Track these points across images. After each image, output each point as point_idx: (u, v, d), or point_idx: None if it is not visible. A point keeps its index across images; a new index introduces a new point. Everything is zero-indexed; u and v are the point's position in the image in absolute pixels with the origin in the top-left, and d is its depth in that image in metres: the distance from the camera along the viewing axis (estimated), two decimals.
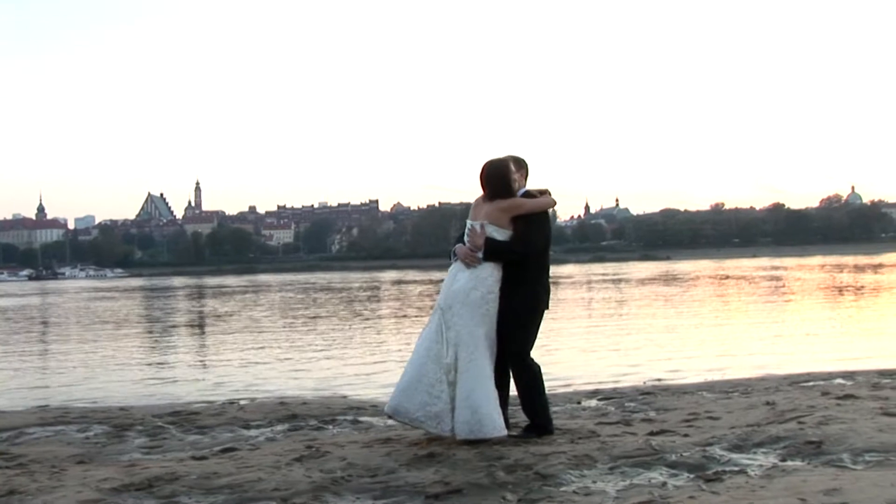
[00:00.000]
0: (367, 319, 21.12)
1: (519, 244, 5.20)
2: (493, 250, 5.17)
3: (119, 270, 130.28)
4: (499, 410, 5.08)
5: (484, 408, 5.00)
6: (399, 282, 52.27)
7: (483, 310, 5.13)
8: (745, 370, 9.84)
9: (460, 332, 5.10)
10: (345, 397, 8.64)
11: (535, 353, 5.41)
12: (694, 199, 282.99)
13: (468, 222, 5.34)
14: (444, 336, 5.13)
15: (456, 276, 5.25)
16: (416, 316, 21.36)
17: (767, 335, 14.45)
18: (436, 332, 5.18)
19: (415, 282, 50.39)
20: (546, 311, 5.44)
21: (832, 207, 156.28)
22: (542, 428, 5.30)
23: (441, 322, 5.18)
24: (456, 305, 5.15)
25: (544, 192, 5.46)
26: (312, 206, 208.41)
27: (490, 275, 5.19)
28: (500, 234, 5.19)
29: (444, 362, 5.09)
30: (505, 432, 5.07)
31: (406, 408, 5.12)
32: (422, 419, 5.10)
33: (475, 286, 5.16)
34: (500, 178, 5.23)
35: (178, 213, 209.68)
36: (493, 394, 5.07)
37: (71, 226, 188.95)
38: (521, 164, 5.46)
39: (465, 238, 5.30)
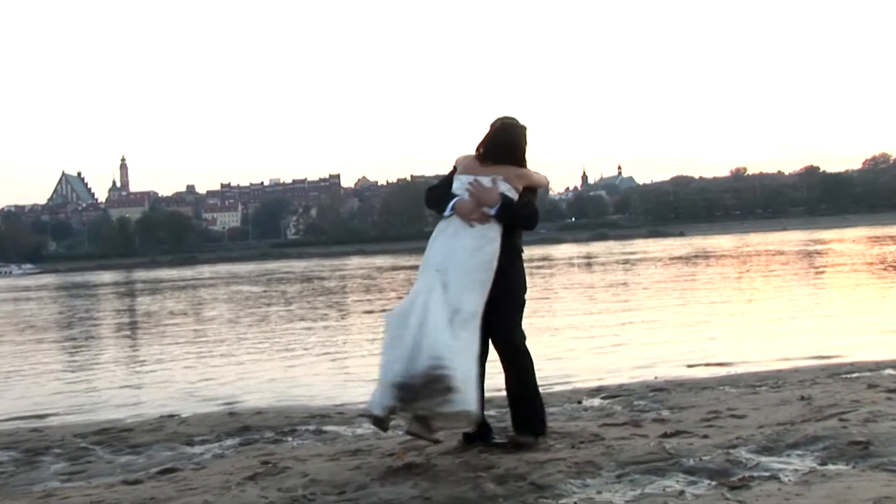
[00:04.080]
0: (330, 314, 21.08)
1: (532, 209, 5.32)
2: (508, 209, 5.15)
3: (28, 266, 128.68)
4: (481, 396, 4.98)
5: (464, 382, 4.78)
6: (367, 268, 52.20)
7: (486, 276, 5.04)
8: (774, 360, 9.92)
9: (461, 296, 4.96)
10: (305, 404, 8.63)
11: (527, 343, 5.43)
12: (710, 164, 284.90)
13: (463, 177, 5.26)
14: (444, 298, 4.93)
15: (457, 234, 5.13)
16: (387, 306, 21.35)
17: (802, 319, 14.56)
18: (436, 299, 4.93)
19: (386, 269, 50.35)
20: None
21: (878, 169, 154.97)
22: (537, 425, 5.32)
23: (440, 285, 4.97)
24: (458, 265, 5.02)
25: None
26: (262, 183, 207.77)
27: (498, 237, 5.13)
28: (509, 192, 5.21)
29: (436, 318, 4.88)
30: (478, 412, 4.90)
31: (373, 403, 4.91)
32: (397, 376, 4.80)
33: (481, 245, 5.08)
34: (515, 146, 5.30)
35: (101, 195, 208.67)
36: (479, 375, 4.95)
37: None
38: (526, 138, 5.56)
39: (460, 192, 5.23)
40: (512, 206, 5.17)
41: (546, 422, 5.51)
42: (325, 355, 13.18)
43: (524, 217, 5.28)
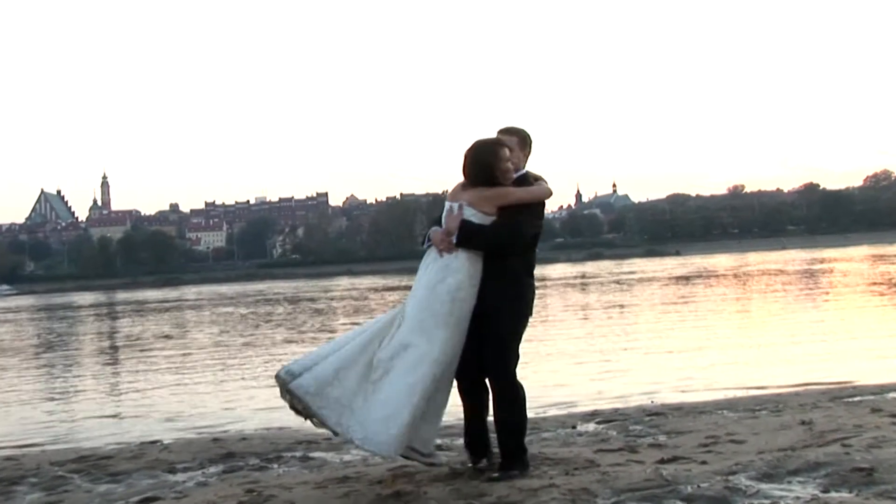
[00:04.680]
0: (320, 338, 21.03)
1: (504, 230, 5.18)
2: (468, 234, 5.14)
3: (5, 287, 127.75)
4: (417, 438, 5.08)
5: (399, 424, 4.91)
6: (357, 289, 52.14)
7: (447, 308, 5.08)
8: (774, 384, 9.92)
9: (413, 328, 5.05)
10: (292, 429, 8.59)
11: (520, 368, 5.42)
12: (707, 181, 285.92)
13: (446, 203, 5.33)
14: (392, 330, 5.10)
15: (427, 266, 5.24)
16: None
17: (802, 341, 14.59)
18: (385, 325, 5.17)
19: (376, 290, 50.30)
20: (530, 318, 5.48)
21: (879, 187, 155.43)
22: (523, 460, 5.29)
23: (398, 314, 5.18)
24: (416, 298, 5.15)
25: (538, 180, 5.46)
26: (248, 201, 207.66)
27: (463, 267, 5.14)
28: (480, 220, 5.17)
29: (377, 356, 5.04)
30: (396, 454, 5.04)
31: (303, 376, 5.07)
32: (313, 397, 5.02)
33: (443, 277, 5.12)
34: (483, 167, 5.20)
35: (81, 214, 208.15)
36: (417, 414, 4.99)
37: None
38: (525, 141, 5.48)
39: (443, 221, 5.29)
40: (471, 231, 5.13)
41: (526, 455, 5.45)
42: None
43: (491, 237, 5.17)
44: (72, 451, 7.96)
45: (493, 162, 5.17)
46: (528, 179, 5.38)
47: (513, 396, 5.25)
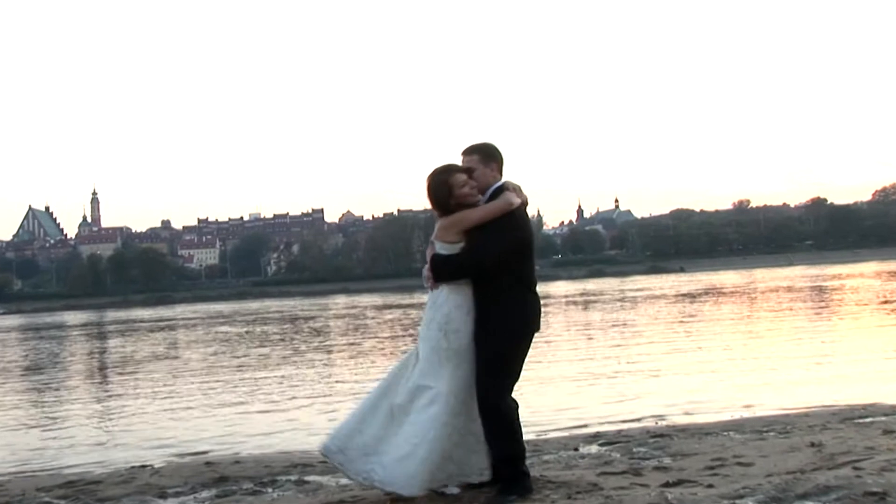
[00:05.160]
0: (317, 358, 21.01)
1: (466, 254, 5.28)
2: (437, 268, 5.31)
3: None
4: (440, 471, 5.20)
5: (416, 462, 5.11)
6: (358, 307, 52.11)
7: (444, 343, 5.25)
8: (782, 404, 9.90)
9: (423, 370, 5.25)
10: (288, 452, 8.57)
11: (520, 388, 5.41)
12: (711, 196, 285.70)
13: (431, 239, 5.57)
14: (408, 372, 5.33)
15: (427, 305, 5.49)
16: (374, 350, 21.26)
17: (811, 360, 14.57)
18: (402, 367, 5.42)
19: (374, 308, 50.27)
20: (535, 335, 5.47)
21: (888, 201, 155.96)
22: (522, 484, 5.27)
23: (413, 355, 5.41)
24: (421, 338, 5.38)
25: (515, 189, 5.47)
26: (241, 218, 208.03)
27: (447, 299, 5.32)
28: (447, 251, 5.33)
29: (395, 402, 5.26)
30: (417, 492, 5.16)
31: (329, 437, 5.38)
32: (335, 454, 5.33)
33: (433, 316, 5.33)
34: (438, 198, 5.39)
35: (70, 231, 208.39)
36: (441, 452, 5.15)
37: None
38: (489, 155, 5.51)
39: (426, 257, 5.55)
40: (438, 264, 5.30)
41: (528, 477, 5.44)
42: (310, 401, 13.12)
43: (456, 266, 5.28)
44: (59, 476, 7.93)
45: (445, 192, 5.34)
46: (503, 191, 5.39)
47: (496, 421, 5.25)
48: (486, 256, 5.27)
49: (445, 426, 5.13)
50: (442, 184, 5.36)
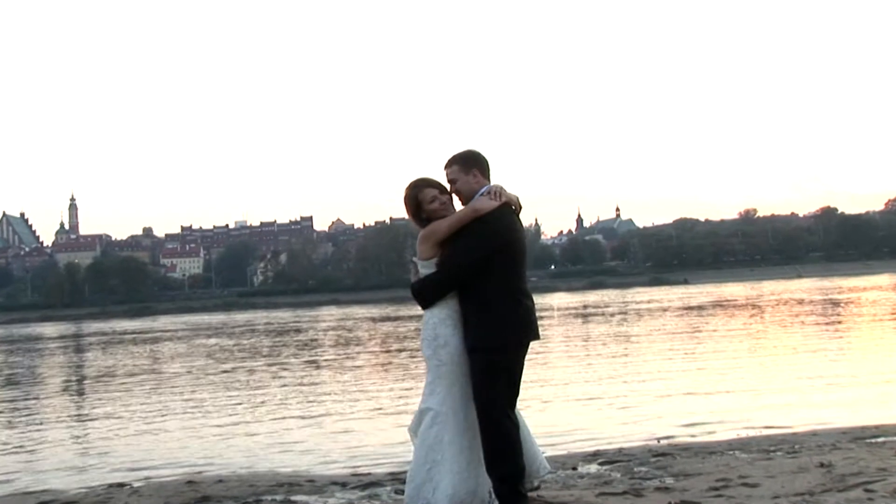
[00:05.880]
0: (307, 372, 21.00)
1: (441, 268, 5.34)
2: (417, 295, 5.42)
3: None
4: (463, 488, 5.16)
5: (412, 486, 5.18)
6: (353, 319, 52.06)
7: (435, 360, 5.31)
8: (790, 423, 9.90)
9: (424, 392, 5.34)
10: (273, 471, 8.56)
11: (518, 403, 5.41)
12: (716, 205, 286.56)
13: None
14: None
15: None
16: (365, 365, 21.24)
17: (821, 377, 14.58)
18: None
19: (365, 320, 50.22)
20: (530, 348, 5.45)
21: None
22: (516, 503, 5.26)
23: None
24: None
25: (496, 191, 5.42)
26: (227, 226, 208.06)
27: (432, 315, 5.38)
28: (426, 267, 5.39)
29: (409, 429, 5.40)
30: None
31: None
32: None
33: (423, 334, 5.39)
34: (408, 208, 5.50)
35: (47, 238, 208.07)
36: (458, 473, 5.14)
37: None
38: (468, 162, 5.47)
39: None
40: (415, 291, 5.42)
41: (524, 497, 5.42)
42: (298, 418, 13.11)
43: (431, 283, 5.35)
44: (32, 497, 7.90)
45: (414, 206, 5.45)
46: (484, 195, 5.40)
47: (497, 438, 5.22)
48: (457, 267, 5.29)
49: (452, 445, 5.15)
50: (411, 199, 5.45)
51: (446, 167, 5.49)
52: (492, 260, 5.27)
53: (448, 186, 5.46)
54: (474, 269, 5.26)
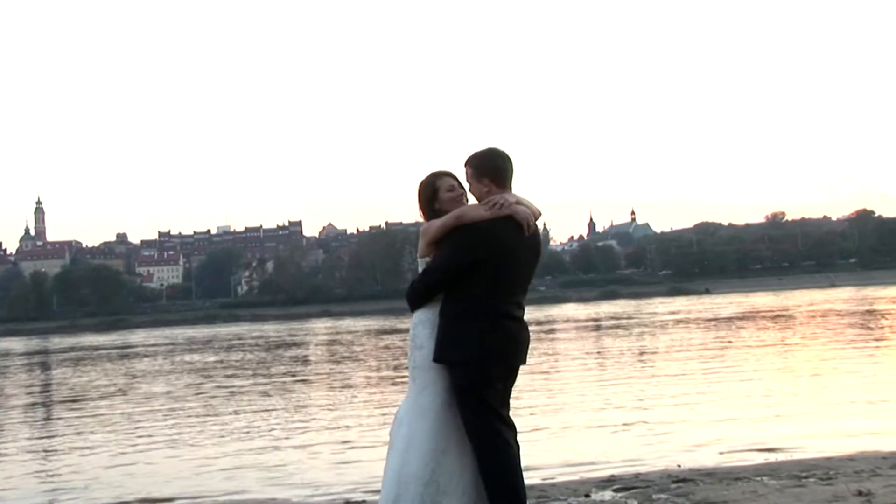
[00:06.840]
0: (296, 390, 21.05)
1: (423, 272, 5.41)
2: (407, 298, 5.49)
3: None
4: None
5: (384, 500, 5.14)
6: (351, 332, 52.11)
7: (411, 363, 5.38)
8: (824, 447, 9.88)
9: (407, 400, 5.34)
10: (254, 497, 8.57)
11: (522, 426, 5.39)
12: (740, 208, 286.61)
13: None
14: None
15: None
16: (358, 385, 21.24)
17: (859, 397, 14.55)
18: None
19: (360, 334, 50.26)
20: (524, 364, 5.41)
21: None
22: None
23: None
24: None
25: (499, 204, 5.37)
26: (208, 231, 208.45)
27: (414, 318, 5.44)
28: (422, 265, 5.48)
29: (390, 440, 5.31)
30: None
31: None
32: None
33: (411, 343, 5.42)
34: (422, 194, 5.57)
35: (10, 245, 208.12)
36: (425, 486, 5.09)
37: None
38: (479, 171, 5.43)
39: None
40: (407, 291, 5.50)
41: None
42: (285, 440, 13.18)
43: (419, 290, 5.40)
44: None
45: (430, 193, 5.51)
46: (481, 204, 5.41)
47: (491, 461, 5.18)
48: (434, 272, 5.34)
49: (409, 461, 5.12)
50: (428, 185, 5.50)
51: (465, 164, 5.52)
52: (473, 271, 5.22)
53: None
54: (451, 278, 5.26)
